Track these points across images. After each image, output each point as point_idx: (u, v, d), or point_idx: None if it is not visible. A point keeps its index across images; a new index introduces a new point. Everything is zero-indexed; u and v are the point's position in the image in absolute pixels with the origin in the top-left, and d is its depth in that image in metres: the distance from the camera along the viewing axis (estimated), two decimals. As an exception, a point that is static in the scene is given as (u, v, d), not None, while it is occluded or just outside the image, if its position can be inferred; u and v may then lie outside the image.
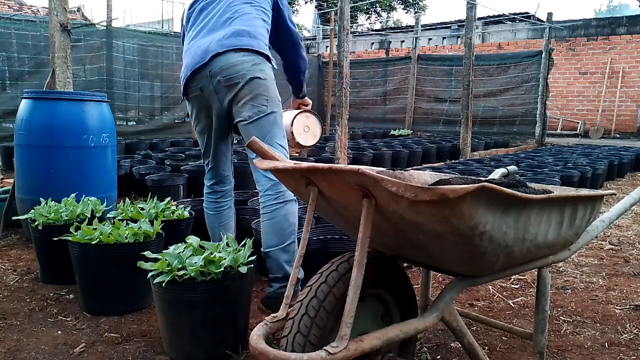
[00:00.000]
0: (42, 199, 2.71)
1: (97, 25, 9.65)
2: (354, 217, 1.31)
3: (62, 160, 3.07)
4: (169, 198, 2.84)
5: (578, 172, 5.16)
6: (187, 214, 2.77)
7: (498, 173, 1.98)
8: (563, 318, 2.26)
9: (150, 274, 1.82)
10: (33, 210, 2.59)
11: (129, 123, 10.13)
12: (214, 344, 1.83)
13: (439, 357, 1.89)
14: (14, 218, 3.02)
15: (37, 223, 2.53)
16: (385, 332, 1.25)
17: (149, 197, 2.89)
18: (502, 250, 1.27)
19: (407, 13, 21.99)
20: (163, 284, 1.75)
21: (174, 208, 2.77)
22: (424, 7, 20.29)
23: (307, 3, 21.97)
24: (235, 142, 2.24)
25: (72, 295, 2.42)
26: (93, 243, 2.18)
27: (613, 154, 7.23)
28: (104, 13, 14.97)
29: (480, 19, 13.96)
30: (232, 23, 2.14)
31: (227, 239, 1.97)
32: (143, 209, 2.70)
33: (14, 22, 8.60)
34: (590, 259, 3.16)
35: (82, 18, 15.37)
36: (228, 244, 1.94)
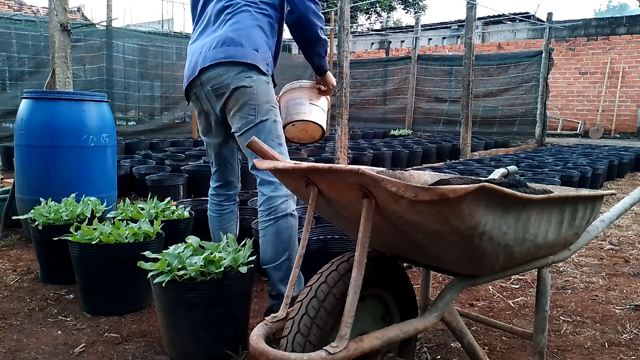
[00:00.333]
0: (42, 199, 2.71)
1: (97, 25, 9.65)
2: (354, 217, 1.31)
3: (62, 160, 3.07)
4: (169, 198, 2.84)
5: (578, 172, 5.16)
6: (187, 214, 2.77)
7: (498, 173, 1.98)
8: (563, 318, 2.26)
9: (150, 274, 1.82)
10: (33, 210, 2.59)
11: (129, 123, 10.12)
12: (214, 344, 1.83)
13: (439, 357, 1.89)
14: (14, 218, 3.02)
15: (37, 223, 2.53)
16: (385, 332, 1.25)
17: (149, 197, 2.89)
18: (502, 250, 1.27)
19: (407, 13, 21.99)
20: (163, 284, 1.76)
21: (174, 208, 2.77)
22: (424, 7, 20.28)
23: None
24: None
25: (72, 295, 2.42)
26: (93, 243, 2.18)
27: (613, 154, 7.23)
28: (104, 13, 14.99)
29: (480, 19, 13.98)
30: (223, 25, 2.07)
31: (227, 239, 1.97)
32: (143, 209, 2.70)
33: (14, 22, 8.60)
34: (590, 259, 3.16)
35: (82, 18, 15.37)
36: (228, 244, 1.95)
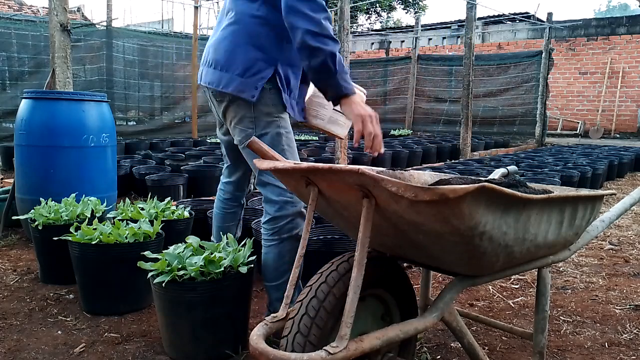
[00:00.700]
0: (42, 199, 2.71)
1: (97, 25, 9.65)
2: (354, 217, 1.31)
3: (62, 161, 3.07)
4: (169, 198, 2.84)
5: (578, 172, 5.16)
6: (187, 214, 2.77)
7: (498, 173, 1.98)
8: (563, 318, 2.26)
9: (150, 274, 1.82)
10: (33, 210, 2.59)
11: (129, 123, 10.13)
12: (214, 344, 1.83)
13: (439, 357, 1.89)
14: (14, 218, 3.02)
15: (37, 223, 2.53)
16: (385, 332, 1.25)
17: (149, 197, 2.89)
18: (502, 250, 1.27)
19: (407, 13, 21.98)
20: (163, 284, 1.76)
21: (174, 208, 2.77)
22: (424, 7, 20.28)
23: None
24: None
25: (72, 295, 2.42)
26: (93, 243, 2.18)
27: (613, 154, 7.23)
28: (104, 13, 14.98)
29: (480, 19, 13.97)
30: (221, 34, 1.95)
31: (227, 239, 1.97)
32: (143, 209, 2.70)
33: (14, 22, 8.60)
34: (590, 259, 3.16)
35: (82, 18, 15.37)
36: (228, 244, 1.95)
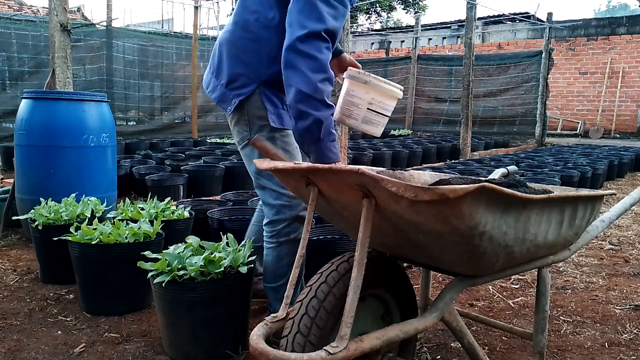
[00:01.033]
0: (42, 199, 2.71)
1: (97, 25, 9.65)
2: (354, 217, 1.31)
3: (62, 160, 3.07)
4: (169, 198, 2.84)
5: (578, 172, 5.16)
6: (187, 214, 2.77)
7: (498, 173, 1.98)
8: (563, 318, 2.26)
9: (150, 274, 1.82)
10: (33, 210, 2.59)
11: (129, 123, 10.12)
12: (214, 344, 1.83)
13: (439, 357, 1.89)
14: (14, 218, 3.02)
15: (37, 223, 2.53)
16: (385, 332, 1.25)
17: (149, 197, 2.89)
18: (502, 250, 1.27)
19: (407, 13, 21.96)
20: (163, 284, 1.76)
21: (174, 208, 2.77)
22: (424, 7, 20.26)
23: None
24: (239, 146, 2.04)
25: (72, 295, 2.42)
26: (93, 243, 2.18)
27: (613, 154, 7.23)
28: (104, 13, 14.98)
29: (480, 19, 13.97)
30: (218, 47, 1.92)
31: (227, 239, 1.97)
32: (143, 209, 2.70)
33: (14, 22, 8.60)
34: (590, 259, 3.16)
35: (82, 18, 15.36)
36: (228, 244, 1.95)
